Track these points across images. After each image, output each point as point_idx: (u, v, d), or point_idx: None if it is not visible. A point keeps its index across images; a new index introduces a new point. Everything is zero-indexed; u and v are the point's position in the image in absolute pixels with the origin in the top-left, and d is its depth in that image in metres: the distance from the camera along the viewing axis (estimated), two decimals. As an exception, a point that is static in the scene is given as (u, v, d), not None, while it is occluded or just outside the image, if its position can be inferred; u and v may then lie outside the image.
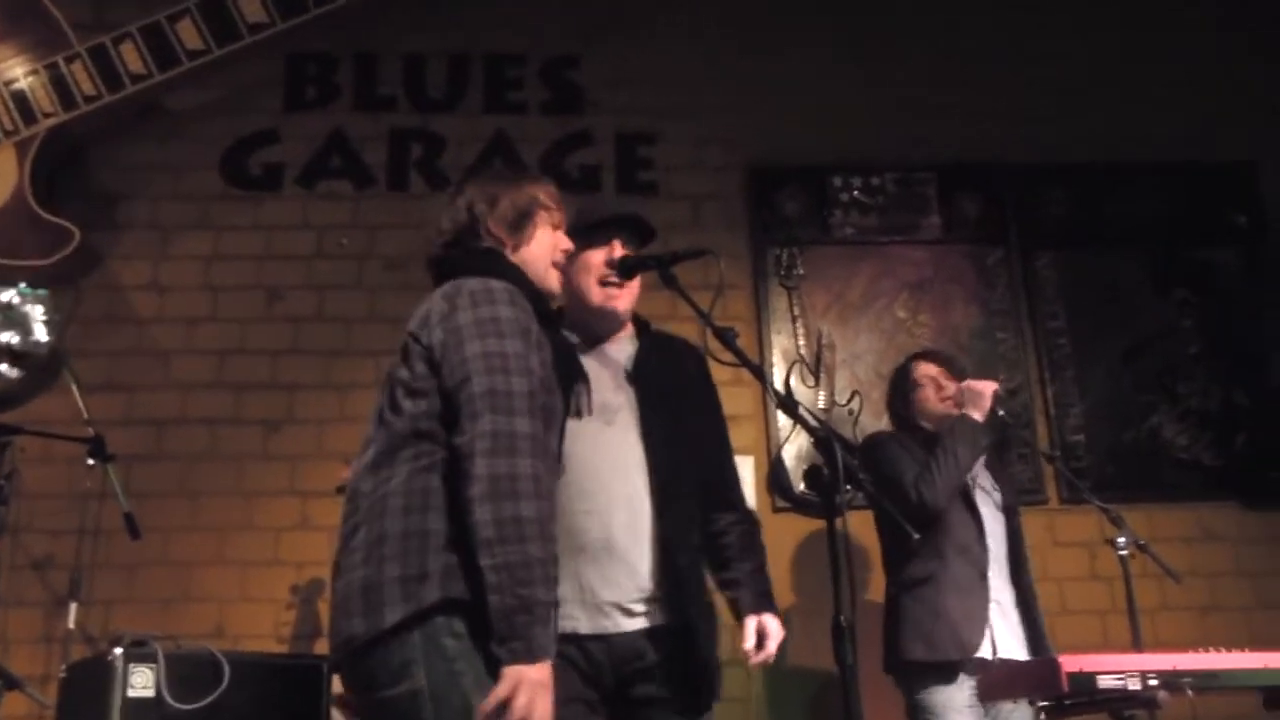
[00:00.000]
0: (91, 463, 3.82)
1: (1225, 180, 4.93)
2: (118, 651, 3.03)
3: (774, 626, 2.53)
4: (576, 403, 2.51)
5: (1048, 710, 2.73)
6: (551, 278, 2.35)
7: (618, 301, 2.63)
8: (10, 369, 4.12)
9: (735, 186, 4.80)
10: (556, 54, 4.92)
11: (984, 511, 3.39)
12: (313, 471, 4.23)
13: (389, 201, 4.68)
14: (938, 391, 3.56)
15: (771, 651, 2.50)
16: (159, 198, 4.63)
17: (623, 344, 2.68)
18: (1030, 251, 4.79)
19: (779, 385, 4.45)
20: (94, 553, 4.05)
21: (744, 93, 4.87)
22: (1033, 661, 3.18)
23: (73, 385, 3.94)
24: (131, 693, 3.01)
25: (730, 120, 4.84)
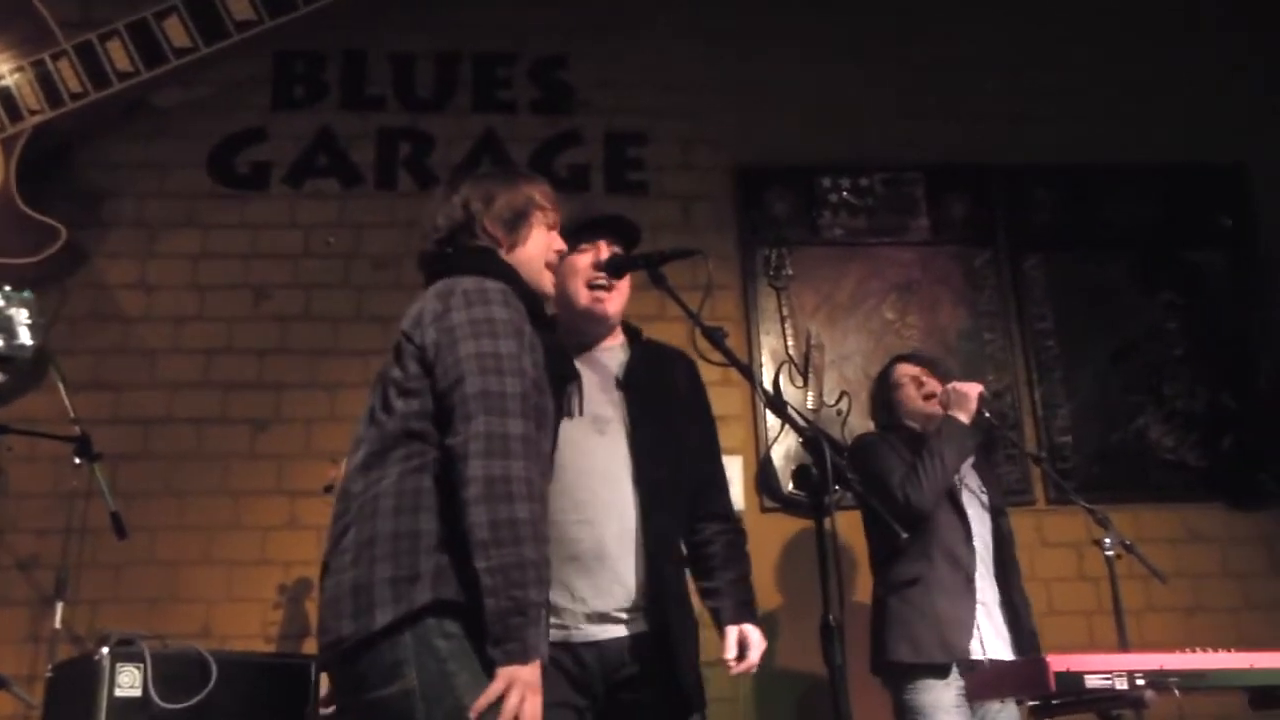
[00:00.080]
0: (78, 462, 3.81)
1: (1213, 182, 4.94)
2: (104, 651, 3.02)
3: (755, 636, 2.52)
4: (569, 403, 2.50)
5: (1035, 710, 2.73)
6: (546, 278, 2.34)
7: (606, 304, 2.62)
8: (-6, 372, 4.10)
9: (724, 187, 4.80)
10: (546, 53, 4.91)
11: (970, 513, 3.40)
12: (300, 471, 4.21)
13: (377, 200, 4.66)
14: (919, 389, 3.57)
15: (753, 661, 2.49)
16: (146, 196, 4.61)
17: (614, 352, 2.67)
18: (1018, 253, 4.80)
19: (768, 385, 4.45)
20: (80, 552, 4.04)
21: (733, 93, 4.88)
22: (1020, 661, 3.19)
23: (59, 384, 3.93)
24: (118, 692, 3.00)
25: (720, 120, 4.84)
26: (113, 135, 4.63)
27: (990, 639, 3.26)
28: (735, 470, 4.17)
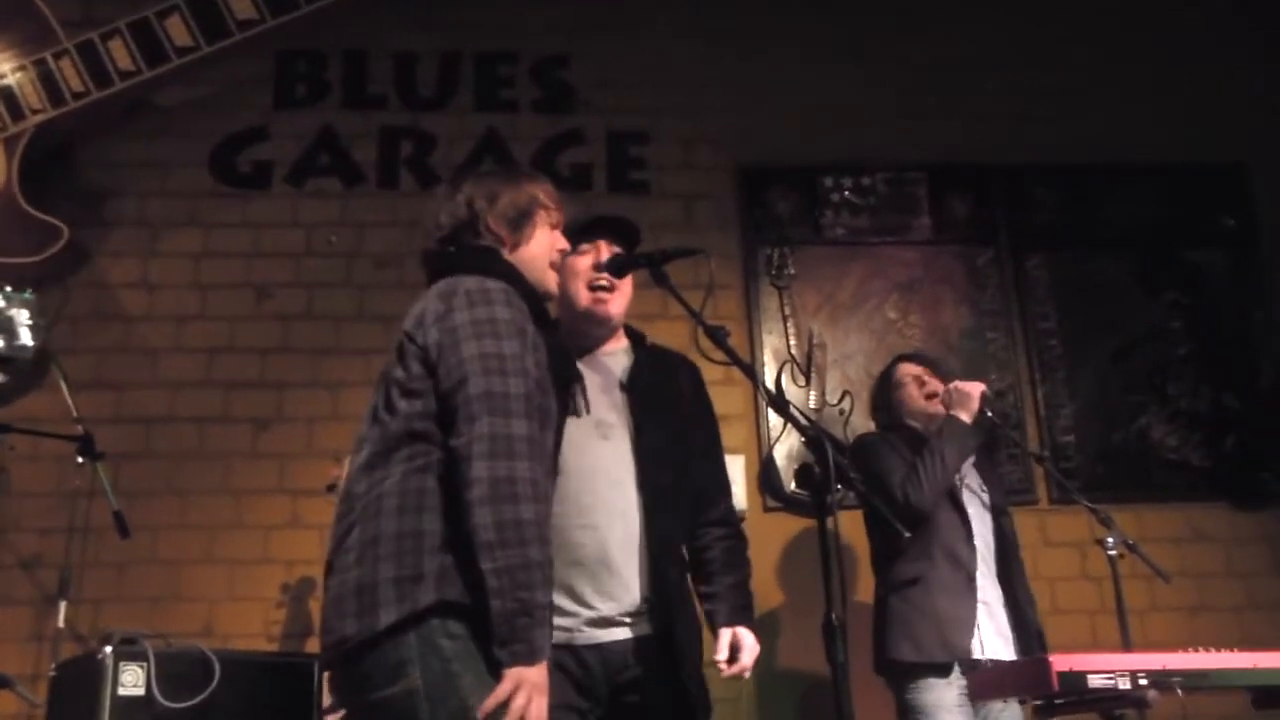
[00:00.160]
0: (80, 461, 3.82)
1: (1215, 182, 4.93)
2: (108, 650, 3.01)
3: (749, 640, 2.51)
4: (573, 403, 2.50)
5: (1038, 709, 2.73)
6: (550, 278, 2.33)
7: (609, 305, 2.62)
8: (-4, 374, 4.10)
9: (727, 186, 4.79)
10: (548, 52, 4.91)
11: (971, 512, 3.39)
12: (302, 470, 4.21)
13: (378, 199, 4.66)
14: (921, 388, 3.57)
15: (745, 664, 2.48)
16: (148, 195, 4.61)
17: (617, 356, 2.67)
18: (1021, 252, 4.79)
19: (770, 385, 4.45)
20: (83, 551, 4.04)
21: (736, 92, 4.87)
22: (1023, 661, 3.18)
23: (61, 383, 3.93)
24: (121, 691, 2.99)
25: (722, 120, 4.84)
26: (115, 134, 4.63)
27: (990, 638, 3.25)
28: (738, 469, 4.17)
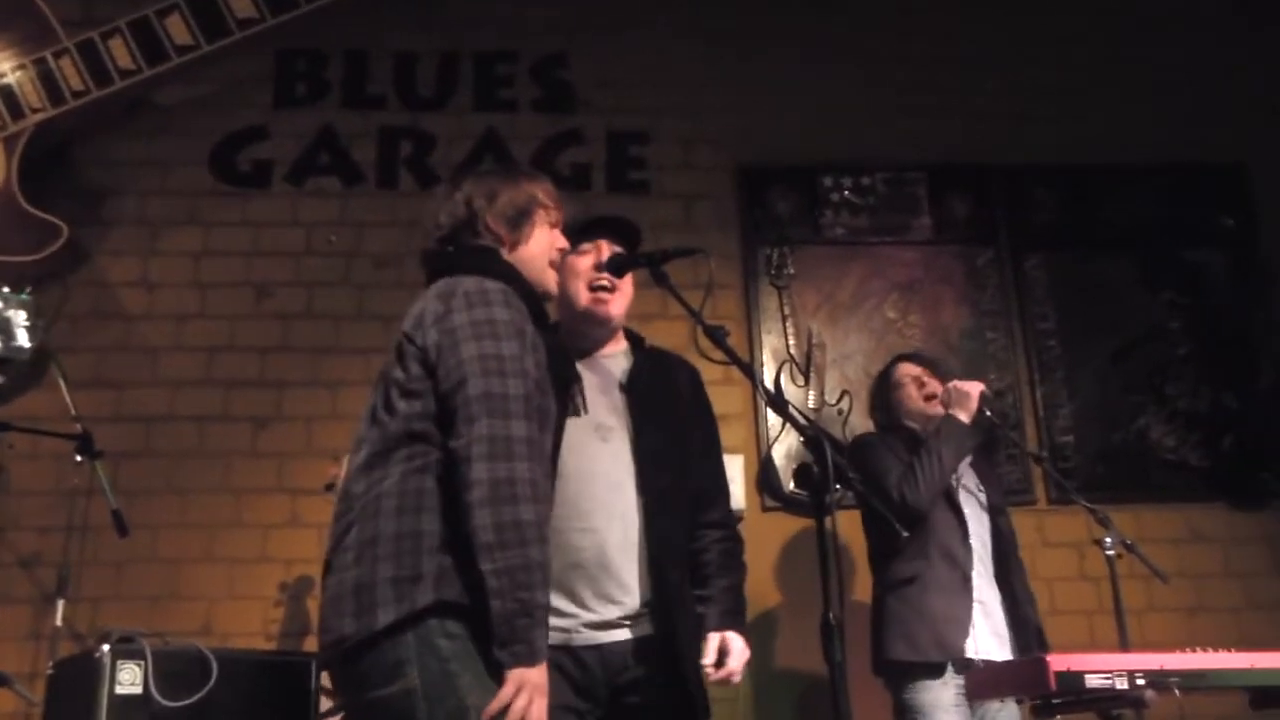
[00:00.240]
0: (79, 459, 3.81)
1: (1215, 182, 4.93)
2: (105, 648, 2.98)
3: (737, 644, 2.48)
4: (571, 404, 2.49)
5: (1035, 709, 2.72)
6: (549, 277, 2.33)
7: (609, 305, 2.61)
8: (-8, 374, 4.10)
9: (726, 186, 4.79)
10: (547, 52, 4.90)
11: (968, 512, 3.38)
12: (301, 469, 4.21)
13: (378, 199, 4.66)
14: (919, 389, 3.56)
15: (732, 669, 2.46)
16: (147, 194, 4.61)
17: (617, 358, 2.66)
18: (1020, 252, 4.79)
19: (769, 384, 4.45)
20: (82, 550, 4.04)
21: (735, 92, 4.87)
22: (1020, 661, 3.17)
23: (60, 382, 3.93)
24: (119, 690, 2.96)
25: (722, 119, 4.84)
26: (114, 133, 4.63)
27: (984, 638, 3.24)
28: (736, 469, 4.15)
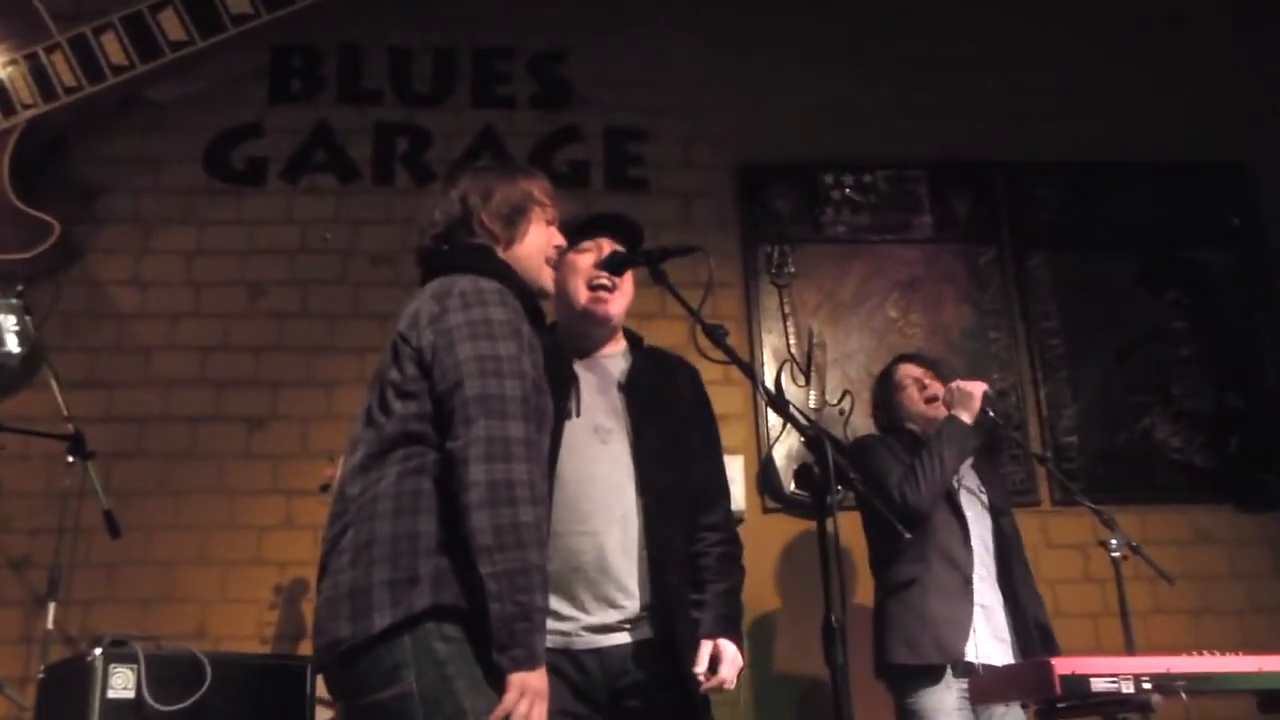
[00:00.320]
0: (71, 460, 3.79)
1: (1219, 181, 4.92)
2: (97, 652, 2.98)
3: (730, 652, 2.44)
4: (567, 405, 2.47)
5: (1040, 713, 2.70)
6: (545, 274, 2.31)
7: (609, 304, 2.59)
8: (-19, 380, 4.09)
9: (726, 183, 4.78)
10: (545, 48, 4.90)
11: (969, 514, 3.36)
12: (296, 470, 4.19)
13: (374, 196, 4.65)
14: (921, 391, 3.54)
15: (725, 677, 2.43)
16: (140, 191, 4.60)
17: (616, 359, 2.64)
18: (1023, 251, 4.78)
19: (769, 384, 4.44)
20: (73, 552, 4.00)
21: (735, 89, 4.86)
22: (1025, 664, 3.14)
23: (52, 381, 3.90)
24: (111, 694, 2.96)
25: (721, 117, 4.83)
26: (107, 130, 4.62)
27: (985, 642, 3.22)
28: (737, 470, 4.13)
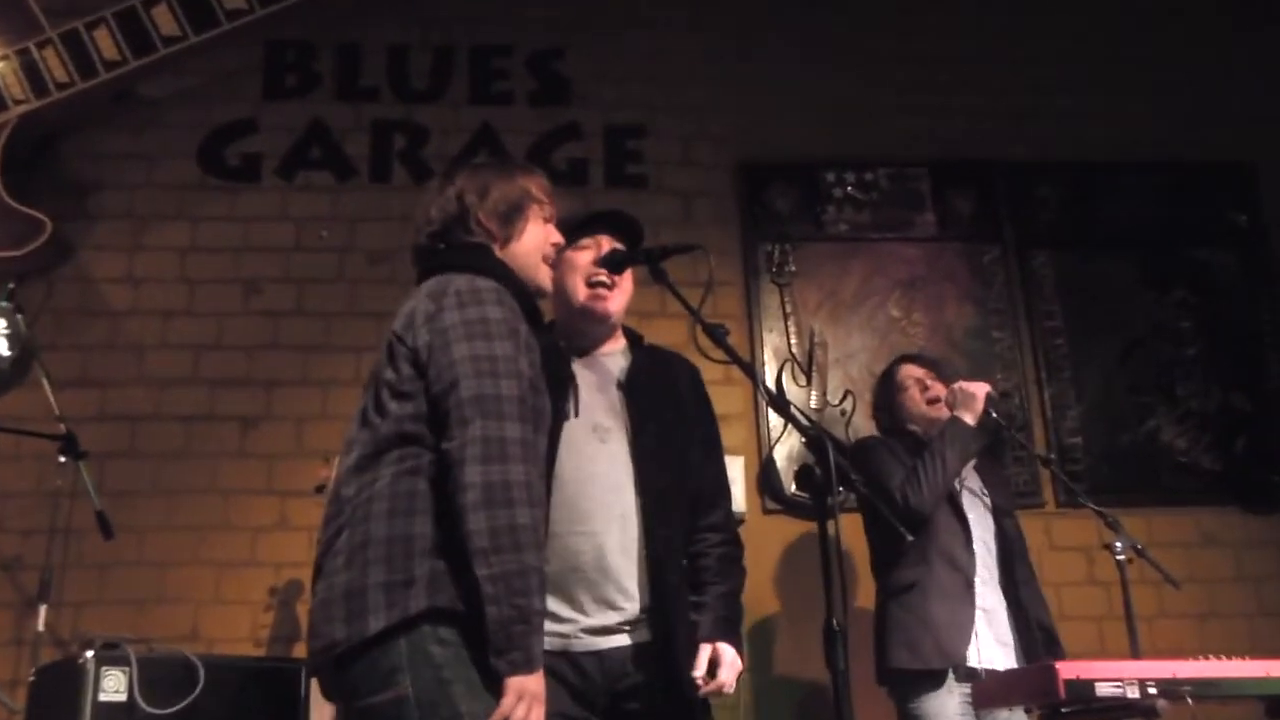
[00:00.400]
0: (63, 460, 3.77)
1: (1224, 180, 4.91)
2: (89, 654, 2.97)
3: (729, 655, 2.44)
4: (566, 404, 2.46)
5: (1044, 719, 2.68)
6: (543, 273, 2.30)
7: (608, 302, 2.57)
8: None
9: (726, 181, 4.77)
10: (543, 45, 4.88)
11: (971, 516, 3.34)
12: (291, 470, 4.18)
13: (370, 194, 4.64)
14: (922, 392, 3.52)
15: (723, 681, 2.41)
16: (134, 188, 4.58)
17: (615, 357, 2.63)
18: (1026, 250, 4.76)
19: (770, 384, 4.43)
20: (65, 553, 3.98)
21: (736, 86, 4.85)
22: (1029, 668, 3.13)
23: (44, 380, 3.87)
24: (103, 697, 2.94)
25: (722, 114, 4.82)
26: (100, 126, 4.60)
27: (988, 647, 3.20)
28: (737, 471, 4.12)
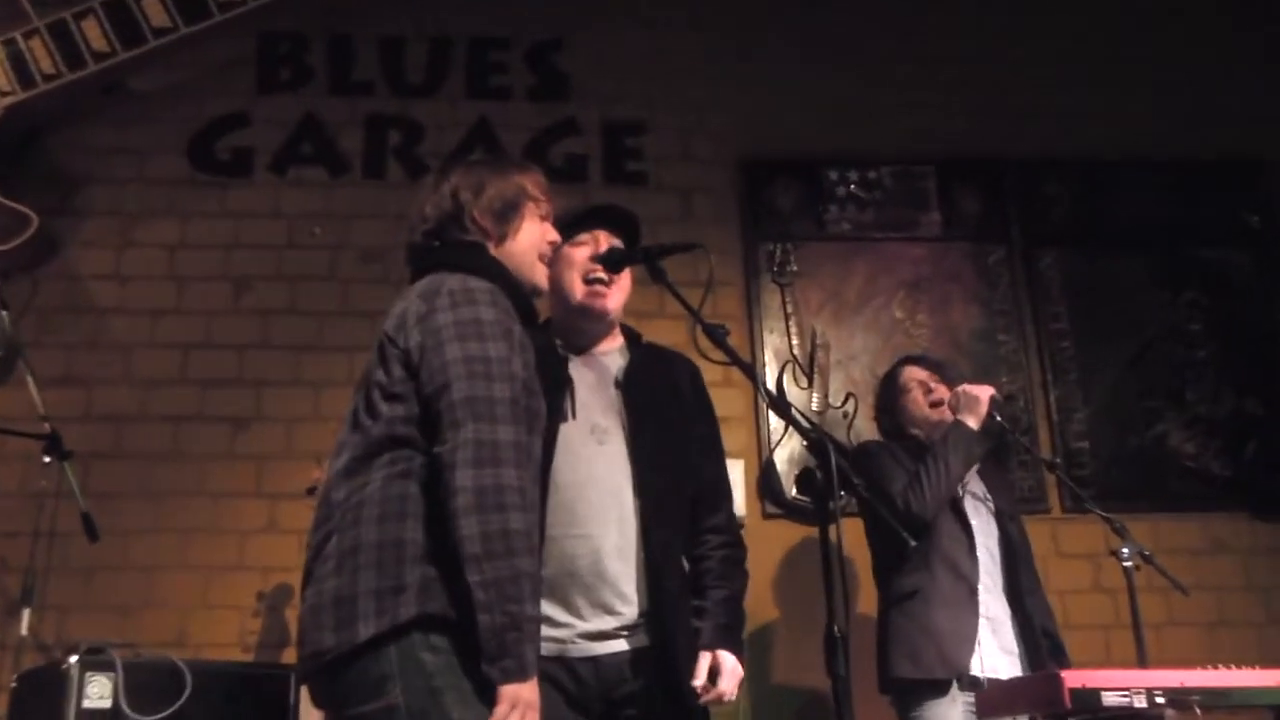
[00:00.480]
0: (47, 460, 3.73)
1: (1234, 179, 4.89)
2: (73, 660, 2.95)
3: (729, 664, 2.42)
4: (562, 406, 2.45)
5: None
6: (539, 271, 2.28)
7: (605, 300, 2.56)
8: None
9: (727, 179, 4.76)
10: (541, 38, 4.87)
11: (975, 522, 3.31)
12: (281, 472, 4.15)
13: (365, 190, 4.62)
14: (926, 395, 3.50)
15: (723, 690, 2.39)
16: (122, 182, 4.56)
17: (613, 355, 2.62)
18: (1033, 250, 4.75)
19: (771, 386, 4.41)
20: (49, 555, 3.97)
21: (736, 81, 4.84)
22: (1034, 676, 3.11)
23: (29, 379, 3.83)
24: (87, 703, 2.92)
25: (722, 110, 4.81)
26: (88, 118, 4.57)
27: (991, 656, 3.17)
28: (737, 474, 4.10)
